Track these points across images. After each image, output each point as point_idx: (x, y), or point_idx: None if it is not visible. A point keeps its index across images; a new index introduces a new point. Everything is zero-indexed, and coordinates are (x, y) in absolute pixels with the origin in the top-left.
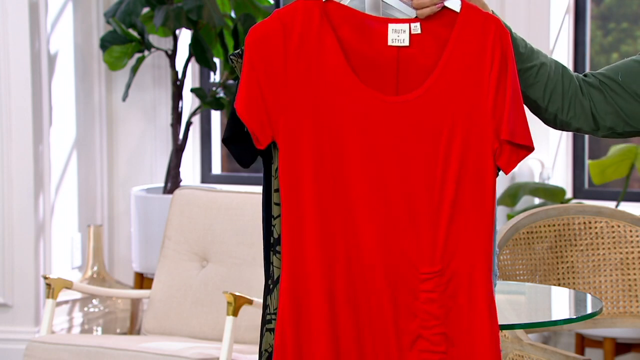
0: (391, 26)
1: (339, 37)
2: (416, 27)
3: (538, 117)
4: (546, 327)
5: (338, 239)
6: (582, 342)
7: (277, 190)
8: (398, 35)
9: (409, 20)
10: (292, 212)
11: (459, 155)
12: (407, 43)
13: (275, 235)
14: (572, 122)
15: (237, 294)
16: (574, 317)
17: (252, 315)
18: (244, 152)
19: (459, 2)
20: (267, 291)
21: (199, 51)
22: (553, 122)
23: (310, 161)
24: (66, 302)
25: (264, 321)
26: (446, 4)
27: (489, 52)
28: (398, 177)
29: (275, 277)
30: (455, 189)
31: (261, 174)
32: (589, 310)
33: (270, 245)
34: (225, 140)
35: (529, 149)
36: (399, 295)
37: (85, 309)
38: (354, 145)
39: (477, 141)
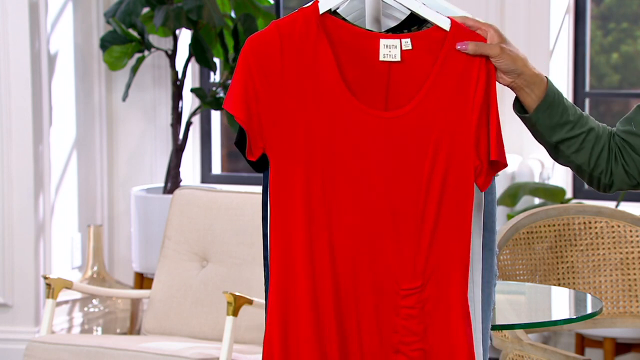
0: (383, 41)
1: (334, 50)
2: (407, 43)
3: (582, 179)
4: (546, 327)
5: (325, 251)
6: (582, 342)
7: None
8: (389, 51)
9: (400, 36)
10: (282, 225)
11: (443, 172)
12: (398, 58)
13: None
14: (613, 184)
15: (237, 294)
16: (574, 317)
17: (252, 315)
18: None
19: (449, 21)
20: None
21: (199, 51)
22: (597, 184)
23: (301, 173)
24: (66, 302)
25: None
26: (436, 22)
27: (475, 71)
28: (384, 191)
29: None
30: (438, 206)
31: (261, 174)
32: (589, 310)
33: None
34: (237, 144)
35: (504, 165)
36: (381, 311)
37: (85, 309)
38: (343, 159)
39: (459, 159)
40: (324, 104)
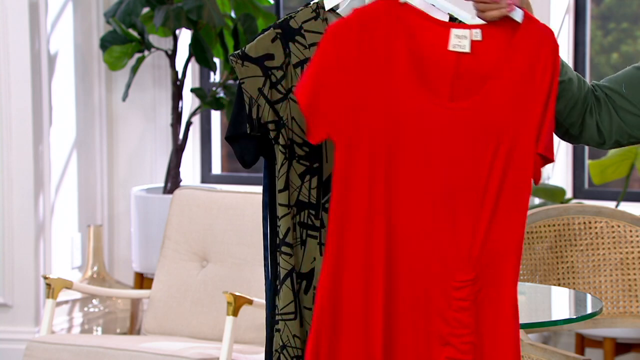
0: (454, 31)
1: (408, 39)
2: (477, 34)
3: None
4: (546, 327)
5: (382, 239)
6: (582, 342)
7: (281, 191)
8: (460, 41)
9: (471, 26)
10: (341, 211)
11: (503, 164)
12: (467, 49)
13: (281, 236)
14: (580, 137)
15: (237, 294)
16: (574, 317)
17: (252, 315)
18: (247, 151)
19: (521, 13)
20: (274, 291)
21: (199, 51)
22: (562, 133)
23: (365, 160)
24: (66, 302)
25: (272, 322)
26: (509, 13)
27: (542, 66)
28: (444, 183)
29: (282, 277)
30: (496, 199)
31: (261, 174)
32: (589, 310)
33: (276, 245)
34: (228, 138)
35: (551, 161)
36: (433, 302)
37: (85, 309)
38: (406, 146)
39: (521, 152)
40: (392, 91)
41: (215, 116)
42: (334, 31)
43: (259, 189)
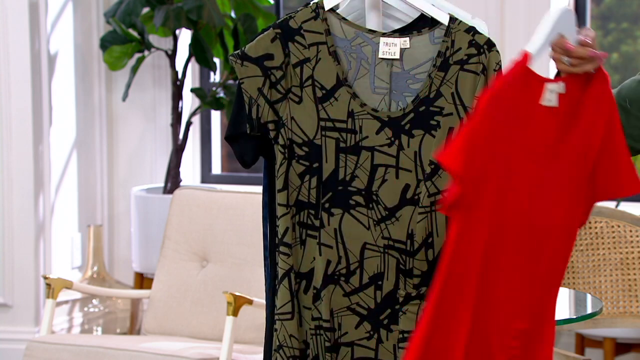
0: (548, 86)
1: (523, 97)
2: (561, 87)
3: None
4: None
5: (474, 285)
6: (582, 342)
7: (280, 190)
8: (551, 95)
9: (557, 79)
10: (456, 254)
11: (563, 216)
12: (555, 104)
13: (279, 236)
14: None
15: (237, 294)
16: (574, 317)
17: (252, 315)
18: (246, 151)
19: (596, 66)
20: (274, 291)
21: (199, 51)
22: None
23: (477, 221)
24: (66, 302)
25: (272, 322)
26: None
27: (601, 112)
28: (526, 236)
29: (280, 277)
30: (555, 246)
31: (261, 174)
32: (589, 310)
33: (275, 245)
34: (228, 138)
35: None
36: (492, 348)
37: (85, 309)
38: (508, 206)
39: (575, 205)
40: (508, 152)
41: (215, 116)
42: (486, 101)
43: (259, 189)
